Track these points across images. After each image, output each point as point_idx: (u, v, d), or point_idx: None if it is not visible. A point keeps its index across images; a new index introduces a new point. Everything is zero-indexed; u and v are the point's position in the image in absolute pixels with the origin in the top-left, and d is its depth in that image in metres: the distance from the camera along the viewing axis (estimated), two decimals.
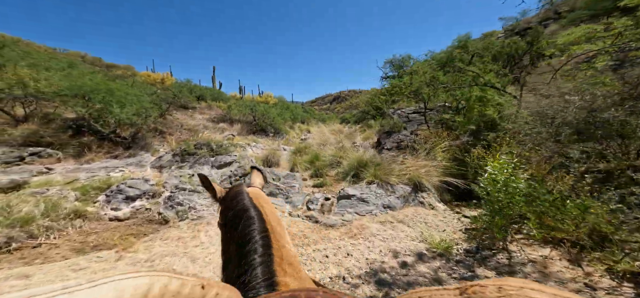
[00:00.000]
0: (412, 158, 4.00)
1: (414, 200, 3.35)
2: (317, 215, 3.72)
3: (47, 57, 7.00)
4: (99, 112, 5.61)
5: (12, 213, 2.63)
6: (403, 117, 6.58)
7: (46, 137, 5.01)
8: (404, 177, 3.63)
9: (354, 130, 12.93)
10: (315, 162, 6.10)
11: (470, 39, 10.03)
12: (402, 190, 3.48)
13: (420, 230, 2.79)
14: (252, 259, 0.54)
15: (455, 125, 4.11)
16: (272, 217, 0.71)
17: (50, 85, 4.97)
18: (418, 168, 3.63)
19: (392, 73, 16.09)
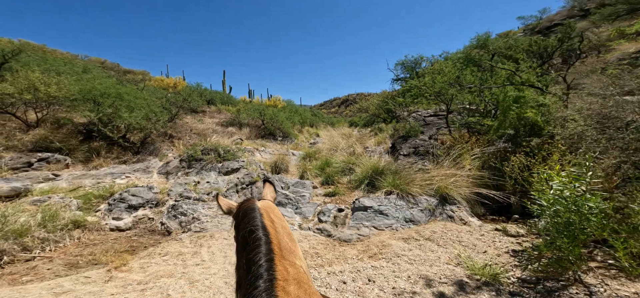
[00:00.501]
0: (436, 167, 3.58)
1: (441, 213, 2.94)
2: (329, 228, 3.38)
3: (63, 62, 7.16)
4: (109, 116, 5.57)
5: (7, 224, 2.46)
6: (419, 120, 6.15)
7: (56, 142, 4.98)
8: (428, 188, 3.23)
9: (364, 134, 12.53)
10: (326, 169, 5.77)
11: (490, 38, 9.45)
12: (426, 202, 3.08)
13: (455, 251, 2.38)
14: (256, 285, 0.55)
15: (484, 130, 3.66)
16: (282, 233, 0.71)
17: (60, 89, 4.96)
18: (444, 178, 3.22)
19: (404, 75, 15.62)
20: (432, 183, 3.27)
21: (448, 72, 3.92)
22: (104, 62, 18.74)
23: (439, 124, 5.65)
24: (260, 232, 0.67)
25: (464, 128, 4.14)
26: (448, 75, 3.90)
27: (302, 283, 0.56)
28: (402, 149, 5.05)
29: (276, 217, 0.78)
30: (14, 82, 4.48)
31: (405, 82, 15.44)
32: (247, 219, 0.74)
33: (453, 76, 3.92)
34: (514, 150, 2.90)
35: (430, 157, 4.35)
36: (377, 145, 8.43)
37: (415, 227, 2.90)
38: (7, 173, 3.85)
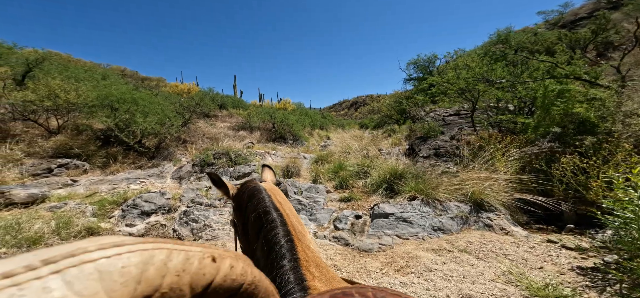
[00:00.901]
0: (465, 170, 3.27)
1: (476, 222, 2.63)
2: (347, 237, 3.15)
3: (83, 70, 7.44)
4: (125, 122, 5.66)
5: (20, 231, 2.43)
6: (438, 120, 5.80)
7: (75, 149, 5.09)
8: (458, 193, 2.93)
9: (376, 136, 12.19)
10: (340, 172, 5.55)
11: (511, 33, 8.89)
12: (456, 209, 2.79)
13: (501, 266, 2.06)
14: (281, 265, 0.53)
15: (518, 128, 3.30)
16: (292, 216, 0.70)
17: (79, 96, 5.09)
18: (477, 182, 2.91)
19: (417, 74, 15.15)
20: (463, 187, 2.97)
21: (475, 67, 3.61)
22: (124, 70, 19.62)
23: (460, 123, 5.28)
24: (274, 214, 0.65)
25: (492, 127, 3.78)
26: (475, 70, 3.59)
27: (320, 266, 0.55)
28: (422, 151, 4.74)
29: (282, 199, 0.76)
30: (36, 89, 4.64)
31: (418, 82, 14.97)
32: (255, 200, 0.71)
33: (481, 71, 3.60)
34: (563, 151, 2.54)
35: (453, 158, 4.02)
36: (391, 147, 8.11)
37: (445, 237, 2.61)
38: (28, 180, 3.93)
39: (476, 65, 3.61)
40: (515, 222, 2.59)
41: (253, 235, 0.66)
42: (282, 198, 0.77)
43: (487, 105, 4.04)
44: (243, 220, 0.75)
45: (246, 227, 0.72)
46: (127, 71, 20.09)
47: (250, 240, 0.68)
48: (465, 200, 2.84)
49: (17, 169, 3.93)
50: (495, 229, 2.55)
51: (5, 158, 3.91)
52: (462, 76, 3.60)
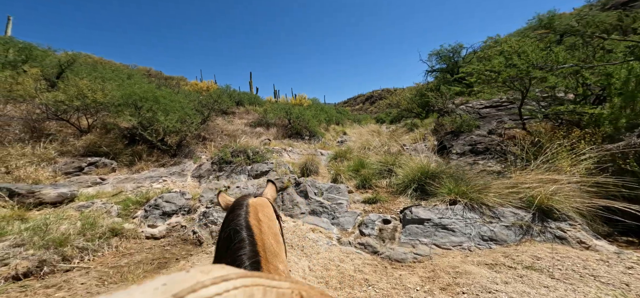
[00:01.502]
0: (516, 170, 2.81)
1: (542, 232, 2.21)
2: (375, 244, 2.87)
3: (111, 70, 7.78)
4: (149, 120, 5.78)
5: (48, 232, 2.45)
6: (472, 113, 5.22)
7: (103, 147, 5.27)
8: (512, 197, 2.51)
9: (395, 130, 11.61)
10: (361, 170, 5.23)
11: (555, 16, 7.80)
12: (513, 216, 2.38)
13: (592, 291, 1.61)
14: None
15: (585, 121, 2.74)
16: (268, 234, 0.69)
17: (105, 95, 5.25)
18: (539, 185, 2.46)
19: (440, 65, 14.16)
20: (519, 191, 2.53)
21: (531, 52, 3.05)
22: (149, 70, 20.63)
23: (499, 116, 4.67)
24: (244, 232, 0.64)
25: (549, 119, 3.22)
26: (531, 55, 3.04)
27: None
28: (454, 147, 4.26)
29: (264, 216, 0.75)
30: (65, 89, 4.84)
31: (441, 73, 13.97)
32: (232, 216, 0.72)
33: (539, 56, 3.04)
34: None
35: (495, 156, 3.53)
36: (415, 143, 7.59)
37: (500, 249, 2.21)
38: (60, 178, 4.10)
39: (532, 50, 3.05)
40: (596, 234, 2.11)
41: (222, 252, 0.65)
42: (264, 215, 0.75)
43: (539, 95, 3.45)
44: (220, 234, 0.75)
45: (218, 243, 0.72)
46: (152, 71, 21.07)
47: (219, 256, 0.67)
48: (524, 206, 2.40)
49: (50, 168, 4.12)
50: (571, 242, 2.09)
51: (39, 157, 4.11)
52: (515, 62, 3.06)
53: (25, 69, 5.22)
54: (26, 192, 2.91)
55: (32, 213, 2.85)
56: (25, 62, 6.29)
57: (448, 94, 7.33)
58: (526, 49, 3.07)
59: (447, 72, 13.38)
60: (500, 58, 3.28)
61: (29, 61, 6.43)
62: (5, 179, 3.39)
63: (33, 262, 2.22)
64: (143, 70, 18.43)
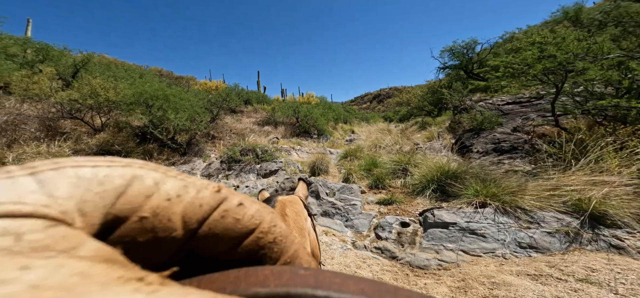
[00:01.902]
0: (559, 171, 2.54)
1: (593, 240, 1.96)
2: (393, 248, 2.70)
3: (123, 70, 7.90)
4: (159, 119, 5.80)
5: None
6: (492, 109, 4.91)
7: (116, 145, 5.31)
8: (553, 200, 2.26)
9: (405, 129, 11.31)
10: (374, 170, 5.03)
11: (582, 8, 7.26)
12: (556, 222, 2.14)
13: None
14: None
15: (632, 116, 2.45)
16: (292, 228, 0.64)
17: (117, 94, 5.30)
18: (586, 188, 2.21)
19: (453, 62, 13.67)
20: (561, 194, 2.28)
21: (570, 42, 2.76)
22: (161, 71, 21.11)
23: (524, 112, 4.35)
24: None
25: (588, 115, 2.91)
26: (570, 46, 2.74)
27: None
28: (476, 146, 3.99)
29: (292, 211, 0.71)
30: (79, 88, 4.91)
31: (454, 70, 13.49)
32: None
33: (580, 46, 2.74)
34: None
35: (523, 155, 3.26)
36: (429, 141, 7.30)
37: (542, 258, 1.98)
38: None
39: (571, 41, 2.75)
40: None
41: None
42: (291, 211, 0.71)
43: (572, 89, 3.12)
44: None
45: None
46: (163, 71, 21.54)
47: None
48: (569, 211, 2.15)
49: None
50: (631, 253, 1.83)
51: (54, 155, 4.15)
52: (552, 52, 2.77)
53: (41, 69, 5.33)
54: None
55: None
56: (42, 62, 6.46)
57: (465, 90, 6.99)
58: (567, 39, 2.77)
59: (461, 69, 12.90)
60: (534, 49, 2.99)
61: (46, 61, 6.60)
62: None
63: None
64: (155, 71, 18.85)
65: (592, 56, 2.65)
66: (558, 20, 7.50)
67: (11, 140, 4.08)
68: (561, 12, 7.67)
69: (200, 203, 0.15)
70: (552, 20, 7.79)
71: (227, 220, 0.15)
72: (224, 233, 0.15)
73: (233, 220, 0.16)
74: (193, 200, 0.14)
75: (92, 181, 0.12)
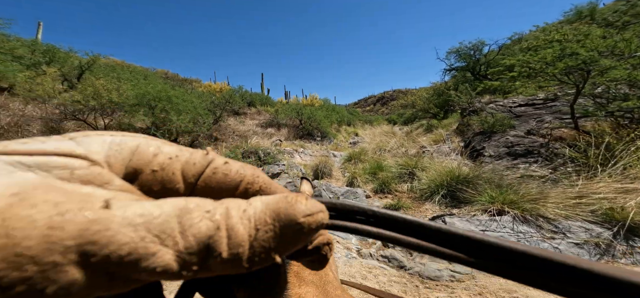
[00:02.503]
0: (584, 178, 2.35)
1: (629, 253, 1.77)
2: (401, 257, 2.54)
3: (128, 71, 7.93)
4: (162, 120, 5.76)
5: None
6: (503, 111, 4.70)
7: None
8: (580, 209, 2.08)
9: (410, 131, 11.11)
10: (379, 173, 4.87)
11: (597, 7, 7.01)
12: (584, 232, 1.96)
13: None
14: None
15: None
16: None
17: (120, 95, 5.28)
18: (617, 195, 2.03)
19: (459, 63, 13.43)
20: (588, 202, 2.10)
21: (595, 39, 2.56)
22: (167, 73, 21.35)
23: (538, 114, 4.13)
24: None
25: (612, 117, 2.71)
26: (596, 41, 2.53)
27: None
28: (487, 149, 3.80)
29: None
30: (83, 89, 4.90)
31: (460, 71, 13.25)
32: None
33: (605, 43, 2.54)
34: None
35: (539, 159, 3.06)
36: (436, 144, 7.10)
37: None
38: None
39: (595, 37, 2.55)
40: None
41: None
42: None
43: (593, 90, 2.92)
44: None
45: None
46: (169, 73, 21.78)
47: None
48: (598, 221, 1.96)
49: None
50: None
51: None
52: (575, 50, 2.57)
53: (45, 70, 5.35)
54: None
55: None
56: (48, 64, 6.51)
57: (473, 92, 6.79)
58: (591, 35, 2.58)
59: (467, 71, 12.65)
60: (555, 46, 2.79)
61: (53, 62, 6.66)
62: None
63: None
64: (161, 73, 19.05)
65: (619, 54, 2.46)
66: (571, 20, 7.24)
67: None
68: (574, 12, 7.42)
69: (194, 162, 0.18)
70: (565, 20, 7.54)
71: (218, 175, 0.18)
72: (217, 187, 0.18)
73: (222, 175, 0.18)
74: (188, 159, 0.18)
75: (113, 143, 0.16)
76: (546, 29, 6.93)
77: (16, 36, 6.51)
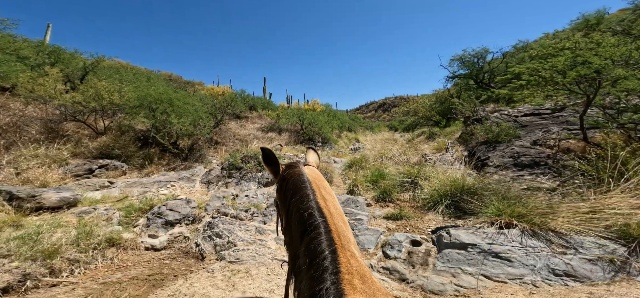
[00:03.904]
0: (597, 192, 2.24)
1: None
2: (402, 269, 2.43)
3: (132, 73, 7.96)
4: (163, 123, 5.72)
5: (39, 241, 2.23)
6: (508, 121, 4.59)
7: (116, 149, 5.22)
8: (592, 224, 1.97)
9: (411, 138, 10.99)
10: (380, 181, 4.76)
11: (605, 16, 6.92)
12: (598, 248, 1.85)
13: None
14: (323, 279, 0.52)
15: None
16: (336, 215, 0.69)
17: (121, 97, 5.26)
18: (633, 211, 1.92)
19: (463, 71, 13.37)
20: (602, 217, 1.99)
21: (609, 48, 2.45)
22: (171, 75, 21.50)
23: (544, 125, 4.01)
24: (317, 217, 0.64)
25: (623, 129, 2.59)
26: (610, 50, 2.43)
27: (365, 278, 0.55)
28: (491, 159, 3.69)
29: (327, 194, 0.75)
30: (84, 90, 4.88)
31: (463, 79, 13.18)
32: (299, 197, 0.70)
33: (619, 52, 2.44)
34: None
35: (545, 170, 2.95)
36: (438, 152, 6.97)
37: (583, 288, 1.70)
38: (70, 180, 4.02)
39: (610, 46, 2.44)
40: None
41: (296, 237, 0.66)
42: (327, 192, 0.75)
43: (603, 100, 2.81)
44: (286, 212, 0.76)
45: (289, 222, 0.73)
46: (173, 76, 21.91)
47: (293, 241, 0.69)
48: (612, 237, 1.85)
49: (61, 169, 4.05)
50: None
51: (52, 158, 4.07)
52: (588, 58, 2.47)
53: (47, 71, 5.37)
54: (26, 196, 2.78)
55: (30, 219, 2.68)
56: (53, 65, 6.55)
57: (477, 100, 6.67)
58: (604, 43, 2.48)
59: (471, 78, 12.57)
60: (567, 54, 2.70)
61: (57, 63, 6.70)
62: (13, 181, 3.33)
63: (16, 275, 1.99)
64: (165, 75, 19.16)
65: (633, 63, 2.35)
66: (579, 27, 7.16)
67: (11, 142, 4.03)
68: (582, 20, 7.34)
69: None
70: (573, 28, 7.45)
71: None
72: None
73: None
74: None
75: None
76: (557, 36, 6.83)
77: (23, 37, 6.58)
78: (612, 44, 2.59)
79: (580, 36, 2.98)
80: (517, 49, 11.56)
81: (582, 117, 2.87)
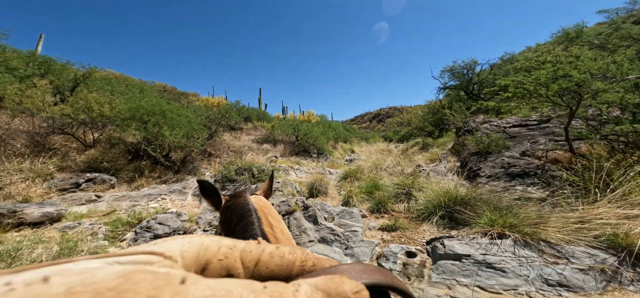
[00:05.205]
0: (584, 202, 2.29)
1: (637, 281, 1.69)
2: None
3: (124, 84, 7.88)
4: (155, 135, 5.63)
5: (18, 258, 2.11)
6: (497, 132, 4.73)
7: (105, 163, 5.09)
8: (582, 234, 2.01)
9: (406, 149, 11.15)
10: (375, 193, 4.76)
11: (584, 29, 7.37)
12: (588, 258, 1.87)
13: None
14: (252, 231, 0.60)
15: None
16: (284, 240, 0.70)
17: (112, 109, 5.17)
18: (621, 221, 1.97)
19: (453, 82, 13.83)
20: (591, 227, 2.02)
21: (587, 62, 2.60)
22: (165, 86, 21.42)
23: (531, 136, 4.15)
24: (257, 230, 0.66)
25: (606, 141, 2.71)
26: (588, 63, 2.58)
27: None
28: (483, 169, 3.75)
29: (274, 220, 0.74)
30: (73, 102, 4.78)
31: (454, 90, 13.60)
32: (243, 224, 0.68)
33: (596, 65, 2.59)
34: None
35: (535, 180, 3.01)
36: (432, 163, 7.07)
37: (576, 297, 1.69)
38: (54, 195, 3.86)
39: (587, 61, 2.59)
40: None
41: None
42: (274, 218, 0.75)
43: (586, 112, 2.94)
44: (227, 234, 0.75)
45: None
46: (167, 87, 21.84)
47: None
48: (602, 246, 1.88)
49: (46, 184, 3.90)
50: None
51: (36, 172, 3.92)
52: (568, 71, 2.61)
53: (35, 82, 5.27)
54: (7, 212, 2.64)
55: (9, 235, 2.55)
56: (43, 76, 6.44)
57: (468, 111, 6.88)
58: (582, 57, 2.64)
59: (461, 89, 12.99)
60: (548, 67, 2.85)
61: (48, 75, 6.60)
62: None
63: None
64: (159, 86, 19.09)
65: (611, 77, 2.50)
66: (559, 40, 7.58)
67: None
68: (562, 33, 7.78)
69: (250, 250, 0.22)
70: (554, 41, 7.88)
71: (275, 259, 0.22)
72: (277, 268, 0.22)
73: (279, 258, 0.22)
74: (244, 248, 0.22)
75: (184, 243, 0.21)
76: (539, 49, 7.20)
77: (12, 47, 6.48)
78: (590, 57, 2.76)
79: (560, 49, 3.15)
80: (503, 60, 12.10)
81: (567, 129, 2.99)
